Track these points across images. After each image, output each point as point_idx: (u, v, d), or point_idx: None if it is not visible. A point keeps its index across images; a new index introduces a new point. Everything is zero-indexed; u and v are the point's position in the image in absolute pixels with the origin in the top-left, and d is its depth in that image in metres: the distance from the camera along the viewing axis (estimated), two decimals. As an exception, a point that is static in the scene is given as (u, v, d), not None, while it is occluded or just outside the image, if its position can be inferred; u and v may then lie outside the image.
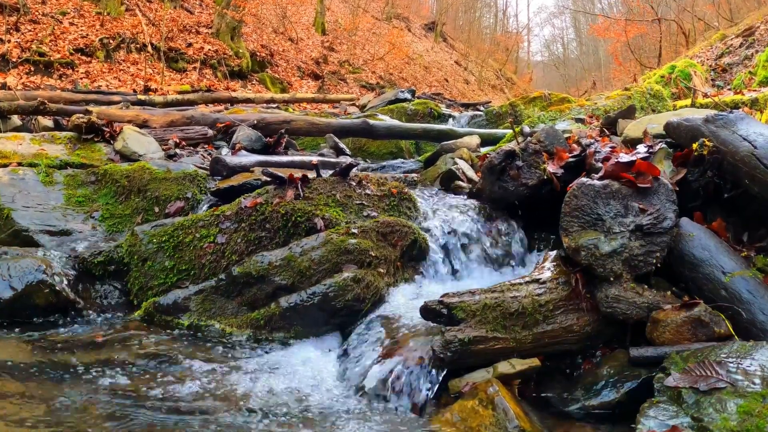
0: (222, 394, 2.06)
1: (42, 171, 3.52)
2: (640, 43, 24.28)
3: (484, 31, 39.57)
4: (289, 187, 3.03)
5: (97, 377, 2.12)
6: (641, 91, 5.63)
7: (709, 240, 2.20)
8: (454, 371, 2.12)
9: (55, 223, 3.21)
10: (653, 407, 1.71)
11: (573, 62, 44.24)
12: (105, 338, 2.47)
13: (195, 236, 2.95)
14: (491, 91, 28.42)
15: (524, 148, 3.04)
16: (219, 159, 3.70)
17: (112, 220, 3.36)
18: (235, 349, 2.45)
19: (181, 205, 3.39)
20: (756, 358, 1.71)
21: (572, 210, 2.18)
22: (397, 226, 2.89)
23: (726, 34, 14.49)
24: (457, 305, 2.17)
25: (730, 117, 2.43)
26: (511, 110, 7.01)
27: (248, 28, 16.80)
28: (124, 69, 12.00)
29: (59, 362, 2.21)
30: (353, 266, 2.66)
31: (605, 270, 2.09)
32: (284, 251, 2.73)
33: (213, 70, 13.85)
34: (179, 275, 2.89)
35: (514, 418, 1.81)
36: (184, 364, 2.28)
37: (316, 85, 16.80)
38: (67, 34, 11.76)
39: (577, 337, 2.15)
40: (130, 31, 12.77)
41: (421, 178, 4.14)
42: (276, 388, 2.13)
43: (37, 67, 10.61)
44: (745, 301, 2.00)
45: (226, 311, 2.65)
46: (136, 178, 3.49)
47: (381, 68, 21.00)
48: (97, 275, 2.90)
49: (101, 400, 1.95)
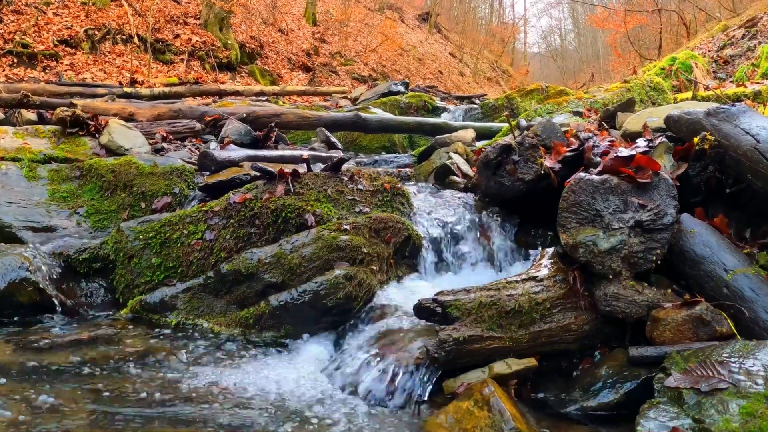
0: (209, 394, 2.02)
1: (25, 165, 3.47)
2: (640, 34, 24.26)
3: (480, 22, 39.38)
4: (280, 182, 3.00)
5: (81, 377, 2.08)
6: (641, 83, 5.58)
7: (711, 236, 2.17)
8: (448, 371, 2.09)
9: (39, 219, 3.17)
10: (653, 408, 1.68)
11: (571, 54, 44.03)
12: (90, 337, 2.42)
13: (183, 233, 2.91)
14: (487, 84, 28.41)
15: (521, 143, 3.02)
16: (207, 153, 3.66)
17: (98, 216, 3.32)
18: (223, 349, 2.42)
19: (168, 200, 3.36)
20: (759, 357, 1.68)
21: (570, 206, 2.15)
22: (390, 223, 2.87)
23: (728, 24, 14.46)
24: (451, 303, 2.13)
25: (732, 110, 2.41)
26: (508, 103, 6.99)
27: (237, 19, 16.64)
28: (110, 61, 11.86)
29: (42, 362, 2.17)
30: (345, 263, 2.64)
31: (604, 267, 2.06)
32: (274, 248, 2.70)
33: (201, 62, 13.73)
34: (166, 273, 2.86)
35: (511, 419, 1.78)
36: (170, 363, 2.25)
37: (307, 78, 16.72)
38: (51, 25, 11.60)
39: (574, 336, 2.13)
40: (115, 21, 12.62)
41: (415, 173, 4.12)
42: (265, 387, 2.10)
43: (21, 58, 10.47)
44: (747, 299, 1.97)
45: (215, 310, 2.63)
46: (122, 172, 3.44)
47: (373, 60, 20.92)
48: (82, 273, 2.87)
49: (85, 400, 1.91)
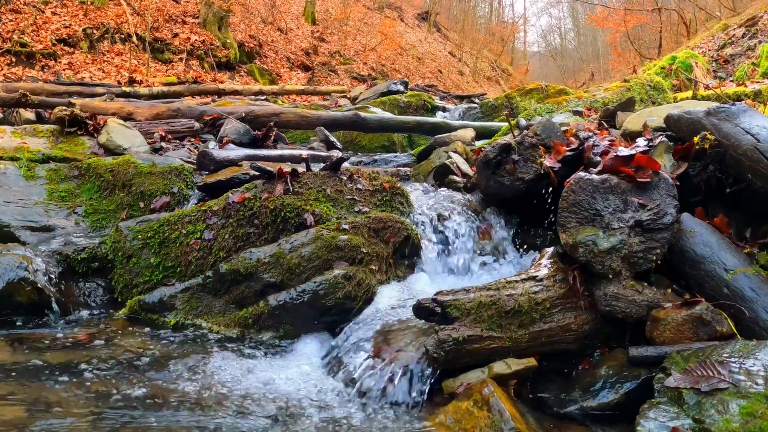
0: (208, 395, 2.01)
1: (23, 165, 3.45)
2: (640, 33, 24.21)
3: (479, 21, 39.32)
4: (279, 181, 2.99)
5: (80, 377, 2.08)
6: (641, 82, 5.56)
7: (711, 236, 2.16)
8: (448, 371, 2.08)
9: (38, 218, 3.15)
10: (653, 408, 1.67)
11: (570, 53, 43.95)
12: (88, 337, 2.42)
13: (181, 232, 2.90)
14: (486, 83, 28.38)
15: (520, 142, 3.00)
16: (206, 153, 3.64)
17: (96, 216, 3.31)
18: (222, 349, 2.41)
19: (166, 200, 3.34)
20: (759, 357, 1.67)
21: (570, 205, 2.14)
22: (389, 222, 2.86)
23: (728, 24, 14.41)
24: (451, 303, 2.12)
25: (732, 109, 2.39)
26: (507, 102, 6.98)
27: (236, 18, 16.61)
28: (109, 60, 11.83)
29: (41, 362, 2.16)
30: (344, 263, 2.63)
31: (604, 267, 2.05)
32: (273, 248, 2.69)
33: (200, 61, 13.70)
34: (165, 272, 2.85)
35: (510, 419, 1.77)
36: (169, 364, 2.23)
37: (306, 77, 16.69)
38: (49, 24, 11.57)
39: (574, 336, 2.11)
40: (114, 20, 12.59)
41: (414, 172, 4.11)
42: (264, 388, 2.09)
43: (19, 58, 10.44)
44: (747, 299, 1.96)
45: (213, 309, 2.63)
46: (120, 172, 3.42)
47: (373, 59, 20.89)
48: (81, 272, 2.86)
49: (83, 400, 1.90)
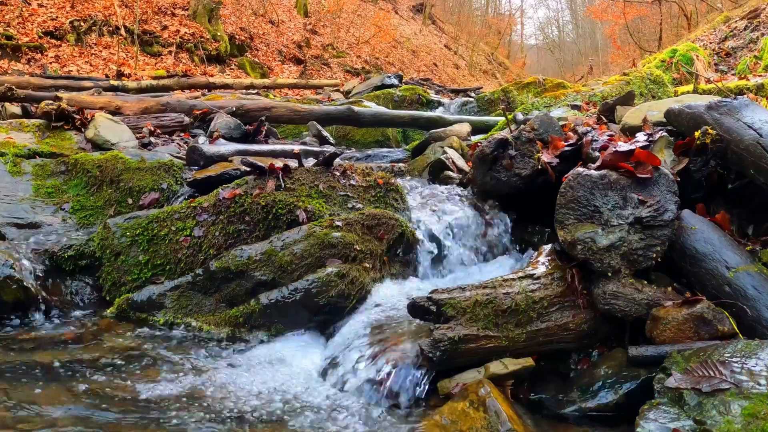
0: (198, 395, 1.99)
1: (9, 160, 3.39)
2: (640, 25, 24.21)
3: (475, 13, 39.13)
4: (270, 177, 2.96)
5: (67, 377, 2.06)
6: (641, 76, 5.53)
7: (713, 233, 2.14)
8: (443, 371, 2.06)
9: (23, 215, 3.10)
10: (653, 409, 1.65)
11: (569, 46, 43.80)
12: (75, 336, 2.41)
13: (171, 229, 2.86)
14: (482, 77, 28.38)
15: (517, 137, 2.98)
16: (196, 148, 3.60)
17: (84, 213, 3.25)
18: (212, 348, 2.39)
19: (155, 196, 3.29)
20: (761, 357, 1.65)
21: (568, 201, 2.11)
22: (383, 219, 2.82)
23: (730, 16, 14.37)
24: (446, 302, 2.09)
25: (734, 103, 2.38)
26: (504, 96, 6.96)
27: (226, 10, 16.46)
28: (96, 53, 11.70)
29: (27, 361, 2.14)
30: (337, 261, 2.60)
31: (603, 265, 2.02)
32: (264, 245, 2.66)
33: (189, 55, 13.57)
34: (154, 270, 2.81)
35: (507, 420, 1.75)
36: (158, 363, 2.21)
37: (298, 70, 16.59)
38: (35, 16, 11.42)
39: (573, 336, 2.09)
40: (102, 13, 12.44)
41: (409, 167, 4.08)
42: (255, 388, 2.07)
43: (4, 51, 10.30)
44: (750, 297, 1.94)
45: (204, 308, 2.60)
46: (108, 168, 3.37)
47: (366, 52, 20.80)
48: (68, 270, 2.82)
49: (70, 400, 1.89)
